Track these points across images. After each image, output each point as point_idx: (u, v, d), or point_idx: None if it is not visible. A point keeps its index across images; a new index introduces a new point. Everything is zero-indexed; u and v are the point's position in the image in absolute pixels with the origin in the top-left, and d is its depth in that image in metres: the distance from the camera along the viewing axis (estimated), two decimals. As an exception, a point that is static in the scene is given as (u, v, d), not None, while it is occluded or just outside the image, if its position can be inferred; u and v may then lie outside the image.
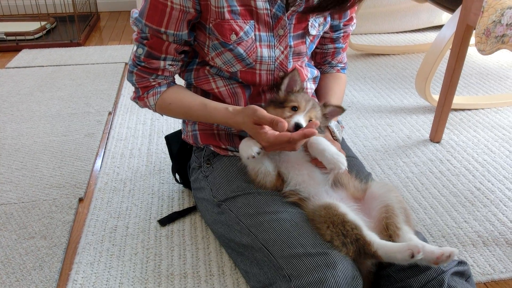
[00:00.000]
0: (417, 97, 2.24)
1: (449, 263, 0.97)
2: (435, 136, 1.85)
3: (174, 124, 1.98)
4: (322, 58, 1.37)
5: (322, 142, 1.04)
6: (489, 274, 1.20)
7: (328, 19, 1.24)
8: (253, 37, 1.11)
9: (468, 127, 1.97)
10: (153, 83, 1.18)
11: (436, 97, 1.98)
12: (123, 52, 2.96)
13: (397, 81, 2.48)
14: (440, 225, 1.37)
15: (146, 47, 1.12)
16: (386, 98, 2.27)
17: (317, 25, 1.20)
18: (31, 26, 3.18)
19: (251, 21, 1.09)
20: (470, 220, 1.39)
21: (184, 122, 1.33)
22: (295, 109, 1.08)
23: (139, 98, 1.21)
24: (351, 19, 1.31)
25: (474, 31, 1.54)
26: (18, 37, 3.06)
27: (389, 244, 0.92)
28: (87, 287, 1.16)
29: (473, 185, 1.56)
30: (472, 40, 1.70)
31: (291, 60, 1.19)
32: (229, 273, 1.19)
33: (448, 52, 1.77)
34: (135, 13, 1.14)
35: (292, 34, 1.16)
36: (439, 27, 3.30)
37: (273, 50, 1.14)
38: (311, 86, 1.29)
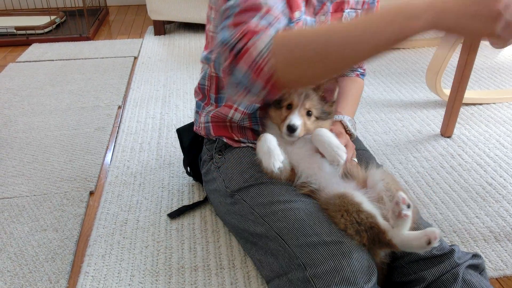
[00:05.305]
0: (428, 91, 2.23)
1: (464, 256, 0.96)
2: (446, 131, 1.83)
3: (183, 118, 1.98)
4: None
5: (324, 134, 1.05)
6: (501, 270, 1.19)
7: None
8: (303, 20, 1.09)
9: (480, 121, 1.96)
10: (260, 26, 0.84)
11: (447, 91, 1.97)
12: (132, 46, 2.97)
13: (408, 75, 2.46)
14: (451, 220, 1.36)
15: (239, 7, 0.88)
16: (396, 93, 2.25)
17: (349, 20, 1.21)
18: (41, 20, 3.20)
19: (303, 2, 1.07)
20: (481, 216, 1.38)
21: (197, 113, 1.33)
22: (290, 107, 1.08)
23: (243, 51, 0.82)
24: None
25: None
26: (28, 31, 3.08)
27: (404, 233, 0.91)
28: (99, 279, 1.17)
29: (485, 180, 1.55)
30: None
31: None
32: (239, 266, 1.20)
33: (459, 46, 1.75)
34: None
35: (329, 22, 1.15)
36: (450, 20, 3.26)
37: None
38: None
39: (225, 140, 1.23)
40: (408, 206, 0.88)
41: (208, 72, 1.22)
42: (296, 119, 1.05)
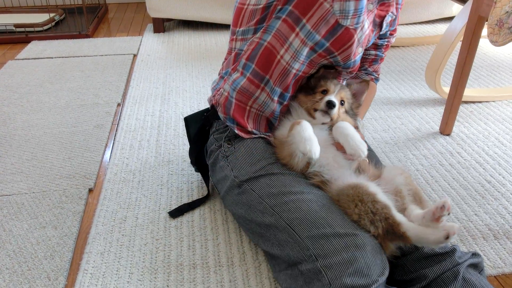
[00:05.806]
0: (427, 89, 2.23)
1: (464, 255, 0.96)
2: (445, 129, 1.83)
3: (183, 116, 1.98)
4: (360, 63, 1.40)
5: (348, 127, 1.06)
6: (499, 268, 1.19)
7: (390, 24, 1.28)
8: None
9: (479, 119, 1.96)
10: None
11: (446, 89, 1.97)
12: (132, 44, 2.97)
13: (407, 73, 2.46)
14: (450, 218, 1.36)
15: None
16: (395, 90, 2.25)
17: (386, 23, 1.24)
18: (40, 17, 3.19)
19: None
20: (480, 213, 1.38)
21: (221, 77, 1.30)
22: (324, 92, 1.12)
23: None
24: (395, 30, 1.35)
25: (486, 22, 1.52)
26: (27, 29, 3.07)
27: (420, 226, 0.92)
28: (98, 276, 1.17)
29: (484, 178, 1.55)
30: (484, 31, 1.68)
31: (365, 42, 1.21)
32: (238, 264, 1.20)
33: (458, 44, 1.75)
34: None
35: (373, 16, 1.19)
36: (449, 18, 3.27)
37: (365, 21, 1.16)
38: None
39: (236, 130, 1.22)
40: (448, 214, 0.90)
41: (253, 38, 1.19)
42: (334, 98, 1.09)
